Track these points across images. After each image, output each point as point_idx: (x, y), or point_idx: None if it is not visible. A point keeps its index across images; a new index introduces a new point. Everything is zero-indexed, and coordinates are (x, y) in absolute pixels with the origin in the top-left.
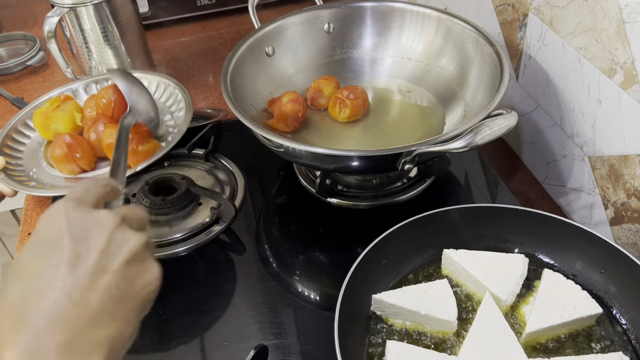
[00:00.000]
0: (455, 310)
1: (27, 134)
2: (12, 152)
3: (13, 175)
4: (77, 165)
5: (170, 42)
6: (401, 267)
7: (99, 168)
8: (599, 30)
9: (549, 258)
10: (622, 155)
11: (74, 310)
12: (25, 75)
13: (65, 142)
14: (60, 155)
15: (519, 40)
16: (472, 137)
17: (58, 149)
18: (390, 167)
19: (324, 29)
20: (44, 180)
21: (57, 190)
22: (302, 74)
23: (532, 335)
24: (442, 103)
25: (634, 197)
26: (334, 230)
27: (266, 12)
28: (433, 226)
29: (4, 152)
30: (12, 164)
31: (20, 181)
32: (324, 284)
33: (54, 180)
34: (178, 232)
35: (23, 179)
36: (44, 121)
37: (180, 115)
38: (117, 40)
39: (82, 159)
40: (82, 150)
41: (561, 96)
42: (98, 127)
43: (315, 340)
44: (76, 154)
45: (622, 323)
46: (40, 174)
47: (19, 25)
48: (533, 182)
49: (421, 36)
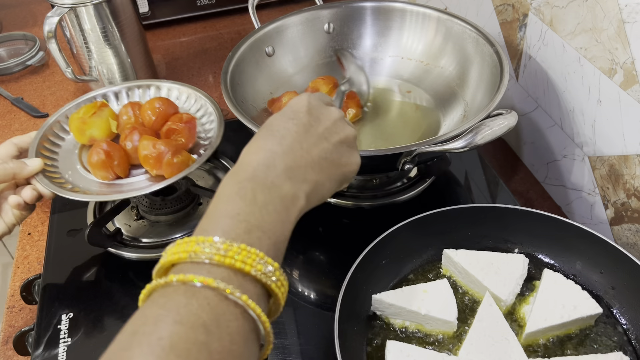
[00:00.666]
0: (455, 310)
1: (62, 136)
2: (49, 154)
3: (51, 177)
4: (113, 172)
5: (170, 42)
6: (401, 267)
7: (132, 175)
8: (599, 30)
9: (549, 258)
10: (622, 155)
11: (299, 152)
12: (25, 75)
13: (103, 150)
14: (98, 162)
15: (519, 40)
16: (472, 137)
17: (95, 155)
18: (390, 167)
19: (324, 29)
20: (80, 184)
21: (94, 195)
22: (302, 74)
23: (532, 335)
24: (442, 103)
25: (634, 197)
26: (334, 230)
27: (266, 12)
28: (433, 226)
29: (41, 154)
30: (49, 165)
31: (58, 184)
32: (324, 284)
33: (89, 184)
34: (178, 232)
35: (61, 182)
36: (80, 126)
37: (211, 127)
38: (117, 40)
39: (117, 166)
40: (118, 157)
41: (561, 96)
42: (134, 137)
43: (315, 340)
44: (113, 162)
45: (622, 323)
46: (75, 177)
47: (19, 25)
48: (533, 182)
49: (421, 36)
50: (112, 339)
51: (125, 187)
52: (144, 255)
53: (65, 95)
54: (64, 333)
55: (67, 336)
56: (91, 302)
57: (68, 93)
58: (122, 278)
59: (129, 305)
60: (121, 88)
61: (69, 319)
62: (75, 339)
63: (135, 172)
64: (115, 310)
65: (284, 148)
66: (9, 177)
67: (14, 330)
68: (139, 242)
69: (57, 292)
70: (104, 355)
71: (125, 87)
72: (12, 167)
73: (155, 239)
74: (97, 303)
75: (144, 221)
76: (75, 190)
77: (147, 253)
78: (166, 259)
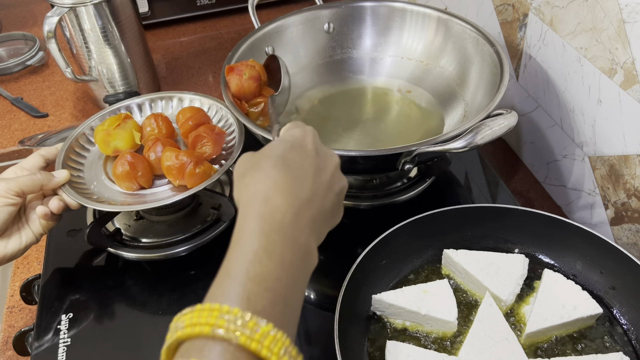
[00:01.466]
0: (455, 310)
1: (88, 147)
2: (75, 166)
3: (77, 188)
4: (137, 183)
5: (170, 42)
6: (401, 267)
7: (155, 186)
8: (599, 30)
9: (549, 258)
10: (622, 155)
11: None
12: (25, 75)
13: (128, 161)
14: (123, 173)
15: (519, 40)
16: (472, 137)
17: (120, 167)
18: (390, 167)
19: (324, 29)
20: (105, 195)
21: (118, 206)
22: (302, 74)
23: (532, 335)
24: (442, 103)
25: (634, 197)
26: (334, 230)
27: (266, 12)
28: (433, 226)
29: (68, 165)
30: (75, 176)
31: (84, 194)
32: (324, 284)
33: (113, 194)
34: (178, 232)
35: (86, 192)
36: (105, 138)
37: (231, 138)
38: (117, 40)
39: (141, 177)
40: (142, 168)
41: (561, 96)
42: (157, 148)
43: (315, 340)
44: (137, 173)
45: (623, 323)
46: (100, 188)
47: (19, 25)
48: (533, 182)
49: (421, 36)
50: (112, 339)
51: (149, 197)
52: (144, 255)
53: (65, 95)
54: (64, 333)
55: (67, 336)
56: (91, 302)
57: (68, 93)
58: (122, 278)
59: (128, 305)
60: (144, 100)
61: (68, 319)
62: (75, 339)
63: (159, 183)
64: (115, 310)
65: (308, 194)
66: (37, 188)
67: (13, 331)
68: (138, 242)
69: (57, 292)
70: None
71: (148, 99)
72: (40, 178)
73: (155, 239)
74: (97, 303)
75: (143, 221)
76: (101, 201)
77: (147, 253)
78: (185, 332)
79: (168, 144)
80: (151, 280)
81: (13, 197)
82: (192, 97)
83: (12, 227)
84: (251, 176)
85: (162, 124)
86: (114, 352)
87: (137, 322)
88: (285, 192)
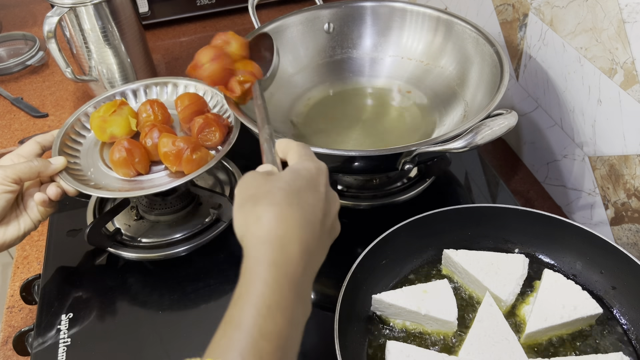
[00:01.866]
0: (455, 310)
1: (83, 134)
2: (71, 152)
3: (74, 175)
4: (134, 169)
5: (170, 42)
6: (401, 267)
7: (152, 172)
8: (599, 30)
9: (549, 258)
10: (622, 155)
11: (322, 252)
12: (25, 75)
13: (125, 147)
14: (120, 160)
15: (519, 40)
16: (472, 137)
17: (117, 153)
18: (390, 167)
19: (324, 29)
20: (102, 181)
21: (116, 192)
22: (302, 74)
23: (532, 335)
24: (442, 103)
25: (634, 197)
26: None
27: (266, 12)
28: (433, 226)
29: (64, 152)
30: (71, 163)
31: (81, 181)
32: (324, 284)
33: (110, 181)
34: (178, 232)
35: (83, 179)
36: (101, 125)
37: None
38: (117, 40)
39: (138, 163)
40: (139, 155)
41: (561, 96)
42: (153, 134)
43: (315, 340)
44: (134, 159)
45: (623, 323)
46: (97, 174)
47: (19, 25)
48: (533, 182)
49: (421, 36)
50: (112, 339)
51: (146, 183)
52: (144, 255)
53: (65, 95)
54: (64, 333)
55: (67, 336)
56: (91, 302)
57: (68, 93)
58: (122, 278)
59: (128, 305)
60: (139, 86)
61: (68, 319)
62: (76, 338)
63: (156, 169)
64: (115, 310)
65: (316, 244)
66: (34, 175)
67: (13, 330)
68: (138, 242)
69: (57, 292)
70: None
71: (143, 85)
72: (37, 165)
73: (155, 239)
74: (97, 303)
75: (143, 221)
76: (98, 187)
77: (146, 253)
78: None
79: (164, 130)
80: (151, 280)
81: (10, 184)
82: (186, 82)
83: (10, 214)
84: (265, 209)
85: (158, 110)
86: (114, 352)
87: (137, 321)
88: (300, 241)
